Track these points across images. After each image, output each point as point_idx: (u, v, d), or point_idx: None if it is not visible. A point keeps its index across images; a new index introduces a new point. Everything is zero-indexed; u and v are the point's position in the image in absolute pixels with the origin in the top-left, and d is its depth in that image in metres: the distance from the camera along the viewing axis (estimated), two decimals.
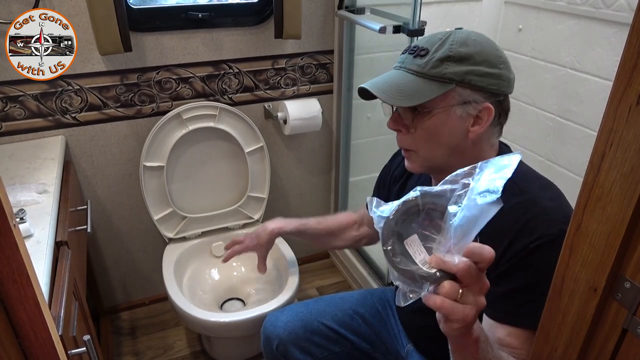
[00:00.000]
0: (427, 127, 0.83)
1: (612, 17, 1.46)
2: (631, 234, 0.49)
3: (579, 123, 1.64)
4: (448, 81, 0.80)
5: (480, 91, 0.81)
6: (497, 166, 0.57)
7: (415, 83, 0.81)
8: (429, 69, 0.80)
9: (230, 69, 1.67)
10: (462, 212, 0.55)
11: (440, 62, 0.80)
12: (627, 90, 0.46)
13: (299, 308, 1.22)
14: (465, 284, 0.56)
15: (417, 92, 0.80)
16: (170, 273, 1.58)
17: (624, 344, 0.52)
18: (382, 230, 0.59)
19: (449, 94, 0.81)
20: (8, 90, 1.43)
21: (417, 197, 0.59)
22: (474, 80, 0.80)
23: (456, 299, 0.56)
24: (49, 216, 1.08)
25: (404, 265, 0.58)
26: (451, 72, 0.79)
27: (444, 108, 0.81)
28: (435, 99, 0.80)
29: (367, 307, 1.21)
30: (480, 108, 0.81)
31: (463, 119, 0.82)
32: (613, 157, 0.49)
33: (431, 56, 0.80)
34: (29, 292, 0.54)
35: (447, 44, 0.80)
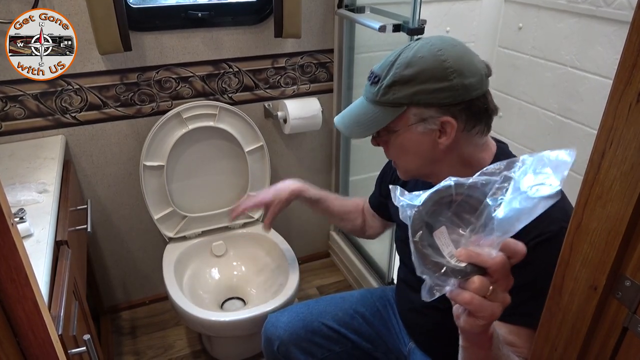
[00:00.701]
0: (397, 144, 0.88)
1: (612, 15, 1.46)
2: (631, 233, 0.49)
3: (579, 121, 1.64)
4: (400, 104, 0.83)
5: (433, 107, 0.82)
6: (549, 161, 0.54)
7: (372, 111, 0.86)
8: (380, 96, 0.84)
9: (230, 68, 1.67)
10: (509, 204, 0.53)
11: (388, 89, 0.83)
12: (627, 88, 0.46)
13: (300, 308, 1.22)
14: (495, 279, 0.55)
15: (374, 120, 0.86)
16: (171, 272, 1.58)
17: (624, 343, 0.52)
18: (411, 219, 0.57)
19: (405, 115, 0.84)
20: (8, 89, 1.43)
21: (451, 186, 0.56)
22: (422, 100, 0.82)
23: (485, 295, 0.55)
24: (49, 216, 1.08)
25: (434, 257, 0.55)
26: (399, 96, 0.82)
27: (405, 127, 0.85)
28: (394, 121, 0.85)
29: (368, 306, 1.21)
30: (439, 122, 0.83)
31: (427, 133, 0.85)
32: (613, 155, 0.49)
33: (381, 83, 0.84)
34: (27, 292, 0.54)
35: (393, 68, 0.83)
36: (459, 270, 0.54)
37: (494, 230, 0.53)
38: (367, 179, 1.98)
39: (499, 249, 0.55)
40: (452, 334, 1.00)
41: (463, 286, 0.55)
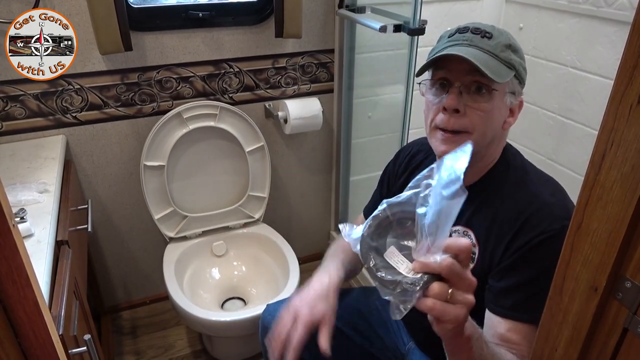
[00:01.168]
0: (486, 108, 0.82)
1: (613, 16, 1.46)
2: (632, 234, 0.49)
3: (579, 122, 1.64)
4: (512, 68, 0.82)
5: (521, 84, 0.85)
6: (453, 159, 0.58)
7: (492, 62, 0.80)
8: (499, 52, 0.81)
9: (230, 68, 1.67)
10: (430, 209, 0.55)
11: (505, 48, 0.81)
12: (628, 89, 0.46)
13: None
14: (452, 282, 0.56)
15: (499, 71, 0.80)
16: (171, 272, 1.58)
17: (624, 344, 0.52)
18: (360, 249, 0.60)
19: (510, 81, 0.83)
20: (9, 89, 1.43)
21: (385, 209, 0.60)
22: (521, 73, 0.84)
23: (446, 299, 0.56)
24: (49, 215, 1.08)
25: (390, 277, 0.58)
26: (514, 59, 0.82)
27: (502, 93, 0.83)
28: (508, 80, 0.82)
29: (366, 304, 1.21)
30: (519, 100, 0.85)
31: (506, 108, 0.85)
32: (614, 156, 0.48)
33: (497, 40, 0.81)
34: (28, 293, 0.54)
35: (500, 32, 0.82)
36: (415, 281, 0.57)
37: (428, 236, 0.56)
38: (367, 179, 1.98)
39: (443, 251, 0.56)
40: None
41: (426, 294, 0.57)
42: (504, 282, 0.83)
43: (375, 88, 1.85)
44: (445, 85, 0.84)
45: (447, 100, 0.82)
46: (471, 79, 0.81)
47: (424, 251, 0.56)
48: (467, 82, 0.82)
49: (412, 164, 1.08)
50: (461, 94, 0.82)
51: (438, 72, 0.85)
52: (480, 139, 0.84)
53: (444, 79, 0.84)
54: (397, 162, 1.13)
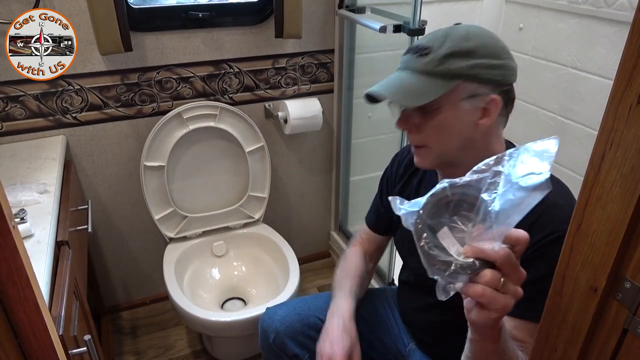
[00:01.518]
0: (437, 123, 0.84)
1: (613, 16, 1.46)
2: (631, 234, 0.49)
3: (579, 122, 1.64)
4: (454, 77, 0.80)
5: (486, 83, 0.81)
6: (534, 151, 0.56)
7: (421, 82, 0.81)
8: (434, 66, 0.80)
9: (230, 68, 1.67)
10: (503, 197, 0.54)
11: (445, 59, 0.80)
12: (628, 89, 0.46)
13: (297, 303, 1.22)
14: (505, 272, 0.55)
15: (425, 91, 0.81)
16: (171, 272, 1.58)
17: (624, 344, 0.52)
18: (414, 225, 0.58)
19: (456, 90, 0.81)
20: (9, 90, 1.43)
21: (445, 188, 0.58)
22: (480, 74, 0.81)
23: (497, 288, 0.55)
24: (49, 216, 1.09)
25: (442, 257, 0.56)
26: (457, 67, 0.80)
27: (452, 104, 0.82)
28: (443, 96, 0.81)
29: (366, 305, 1.21)
30: (487, 100, 0.82)
31: (471, 112, 0.83)
32: (613, 156, 0.48)
33: (435, 54, 0.81)
34: (28, 294, 0.54)
35: (449, 40, 0.81)
36: (467, 265, 0.55)
37: (493, 224, 0.54)
38: (367, 179, 1.98)
39: (502, 241, 0.55)
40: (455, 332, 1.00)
41: (474, 280, 0.55)
42: None
43: None
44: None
45: (397, 123, 0.88)
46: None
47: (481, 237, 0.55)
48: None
49: (410, 166, 1.08)
50: (407, 116, 0.86)
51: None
52: (441, 150, 0.87)
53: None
54: (393, 167, 1.13)
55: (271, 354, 1.18)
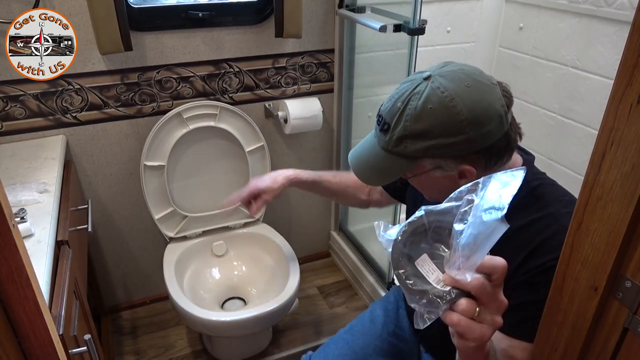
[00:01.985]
0: (418, 183, 0.87)
1: (613, 16, 1.45)
2: (632, 233, 0.49)
3: (580, 122, 1.64)
4: (413, 158, 0.79)
5: (448, 159, 0.78)
6: (501, 182, 0.56)
7: (385, 159, 0.82)
8: (392, 147, 0.80)
9: (230, 68, 1.67)
10: (468, 229, 0.54)
11: (399, 141, 0.79)
12: (628, 89, 0.46)
13: (342, 350, 1.17)
14: (481, 301, 0.55)
15: (389, 169, 0.82)
16: (171, 272, 1.58)
17: (624, 344, 0.52)
18: (391, 253, 0.59)
19: (420, 165, 0.80)
20: (8, 89, 1.43)
21: (422, 216, 0.58)
22: (435, 154, 0.78)
23: (473, 317, 0.55)
24: (49, 216, 1.08)
25: (418, 286, 0.57)
26: (411, 149, 0.78)
27: (423, 174, 0.82)
28: (411, 169, 0.82)
29: (393, 319, 1.19)
30: (457, 170, 0.80)
31: (446, 177, 0.81)
32: (614, 156, 0.48)
33: (391, 133, 0.79)
34: (28, 293, 0.54)
35: (402, 119, 0.78)
36: (443, 295, 0.56)
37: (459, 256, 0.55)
38: None
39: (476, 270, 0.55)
40: None
41: (452, 308, 0.56)
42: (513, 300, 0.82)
43: (375, 88, 1.85)
44: None
45: None
46: None
47: (456, 266, 0.55)
48: None
49: None
50: None
51: None
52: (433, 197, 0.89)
53: None
54: None
55: None
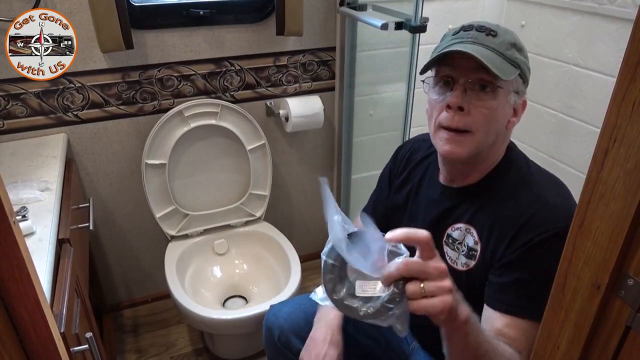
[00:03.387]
0: (489, 107, 0.82)
1: (615, 13, 1.45)
2: (634, 231, 0.48)
3: (582, 120, 1.64)
4: (517, 66, 0.82)
5: (524, 84, 0.84)
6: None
7: (498, 60, 0.81)
8: (505, 49, 0.81)
9: (231, 66, 1.67)
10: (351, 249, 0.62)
11: (510, 47, 0.81)
12: (631, 86, 0.45)
13: (302, 300, 1.22)
14: (421, 278, 0.60)
15: (504, 69, 0.80)
16: (173, 270, 1.58)
17: (627, 342, 0.52)
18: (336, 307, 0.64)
19: (514, 79, 0.82)
20: (10, 87, 1.43)
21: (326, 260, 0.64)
22: (525, 72, 0.83)
23: (424, 295, 0.59)
24: (51, 214, 1.09)
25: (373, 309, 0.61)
26: (518, 58, 0.82)
27: (506, 92, 0.83)
28: (505, 81, 0.81)
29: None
30: (522, 100, 0.85)
31: (510, 107, 0.85)
32: (616, 153, 0.48)
33: (502, 38, 0.81)
34: (29, 290, 0.54)
35: (505, 30, 0.83)
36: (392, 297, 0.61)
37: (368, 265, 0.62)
38: (369, 177, 1.97)
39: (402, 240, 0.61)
40: None
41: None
42: (504, 278, 0.83)
43: (376, 86, 1.85)
44: (449, 82, 0.84)
45: (452, 97, 0.82)
46: (476, 76, 0.81)
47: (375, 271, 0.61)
48: (472, 79, 0.81)
49: (411, 161, 1.08)
50: (465, 91, 0.82)
51: (442, 69, 0.85)
52: (483, 139, 0.84)
53: (448, 77, 0.84)
54: (396, 160, 1.13)
55: (276, 352, 1.18)
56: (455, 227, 0.92)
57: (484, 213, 0.89)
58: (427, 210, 0.99)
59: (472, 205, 0.90)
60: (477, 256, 0.88)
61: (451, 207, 0.94)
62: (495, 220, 0.87)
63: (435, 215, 0.96)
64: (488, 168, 0.90)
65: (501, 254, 0.84)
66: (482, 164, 0.90)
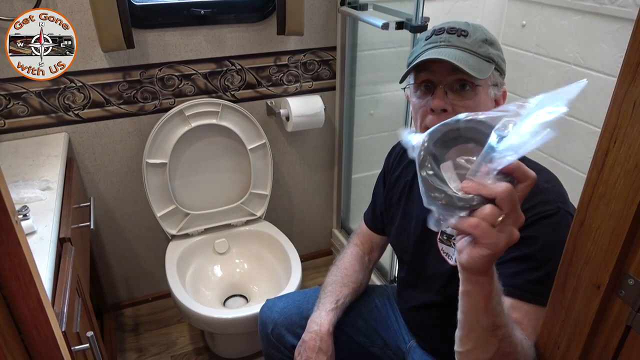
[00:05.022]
0: (471, 105, 0.85)
1: (616, 13, 1.45)
2: (635, 231, 0.48)
3: (583, 119, 1.64)
4: (491, 61, 0.85)
5: (502, 75, 0.88)
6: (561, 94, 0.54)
7: (473, 59, 0.84)
8: (477, 48, 0.84)
9: (232, 65, 1.67)
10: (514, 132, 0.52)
11: (482, 43, 0.84)
12: (631, 86, 0.46)
13: (297, 295, 1.23)
14: (504, 209, 0.53)
15: (480, 68, 0.83)
16: (173, 270, 1.58)
17: (627, 341, 0.52)
18: (418, 152, 0.57)
19: (491, 74, 0.85)
20: (11, 87, 1.43)
21: (459, 120, 0.56)
22: (501, 64, 0.86)
23: (493, 225, 0.54)
24: (52, 213, 1.09)
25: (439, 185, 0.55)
26: (492, 53, 0.85)
27: (485, 88, 0.86)
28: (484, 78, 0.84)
29: (365, 301, 1.21)
30: (502, 91, 0.88)
31: (491, 100, 0.87)
32: (617, 153, 0.48)
33: (474, 37, 0.84)
34: (31, 289, 0.54)
35: (475, 28, 0.85)
36: (465, 199, 0.54)
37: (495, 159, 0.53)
38: (369, 176, 1.97)
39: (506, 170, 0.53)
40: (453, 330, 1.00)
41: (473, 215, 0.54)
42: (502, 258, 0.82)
43: (377, 85, 1.85)
44: (429, 87, 0.87)
45: (434, 101, 0.85)
46: (454, 78, 0.84)
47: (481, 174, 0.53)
48: (450, 81, 0.84)
49: (404, 159, 1.09)
50: (446, 93, 0.85)
51: (421, 75, 0.87)
52: None
53: (428, 81, 0.87)
54: (390, 159, 1.15)
55: (270, 345, 1.19)
56: None
57: None
58: (420, 208, 0.99)
59: None
60: None
61: None
62: None
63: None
64: None
65: None
66: None
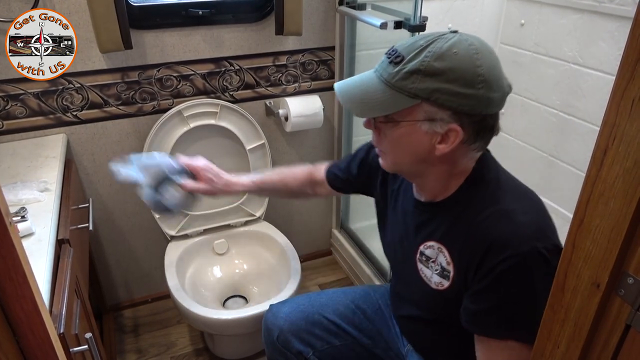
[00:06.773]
0: (394, 136, 0.82)
1: (615, 11, 1.45)
2: (634, 229, 0.48)
3: (581, 118, 1.63)
4: (414, 96, 0.76)
5: (448, 110, 0.76)
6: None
7: (383, 93, 0.78)
8: (397, 80, 0.77)
9: (231, 66, 1.67)
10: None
11: (408, 75, 0.76)
12: (630, 84, 0.45)
13: (301, 300, 1.22)
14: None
15: (383, 103, 0.79)
16: (173, 270, 1.58)
17: (627, 340, 0.52)
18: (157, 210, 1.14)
19: (416, 109, 0.78)
20: (9, 88, 1.43)
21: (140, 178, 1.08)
22: (440, 99, 0.75)
23: None
24: (50, 214, 1.08)
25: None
26: (418, 87, 0.75)
27: (410, 122, 0.79)
28: (402, 111, 0.78)
29: (369, 302, 1.21)
30: (446, 128, 0.77)
31: (429, 134, 0.79)
32: (616, 151, 0.48)
33: (403, 66, 0.76)
34: (25, 291, 0.54)
35: (422, 54, 0.75)
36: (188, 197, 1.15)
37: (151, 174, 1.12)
38: None
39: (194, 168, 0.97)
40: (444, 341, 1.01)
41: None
42: (476, 306, 0.83)
43: None
44: None
45: (364, 122, 0.87)
46: None
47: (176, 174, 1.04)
48: None
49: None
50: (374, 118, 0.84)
51: None
52: (399, 160, 0.87)
53: None
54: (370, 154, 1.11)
55: (275, 351, 1.18)
56: (427, 244, 0.90)
57: (454, 231, 0.86)
58: (405, 220, 0.98)
59: (443, 222, 0.88)
60: (450, 277, 0.87)
61: (423, 222, 0.92)
62: (465, 240, 0.84)
63: (411, 226, 0.96)
64: (455, 185, 0.87)
65: (472, 279, 0.82)
66: (436, 176, 0.87)
